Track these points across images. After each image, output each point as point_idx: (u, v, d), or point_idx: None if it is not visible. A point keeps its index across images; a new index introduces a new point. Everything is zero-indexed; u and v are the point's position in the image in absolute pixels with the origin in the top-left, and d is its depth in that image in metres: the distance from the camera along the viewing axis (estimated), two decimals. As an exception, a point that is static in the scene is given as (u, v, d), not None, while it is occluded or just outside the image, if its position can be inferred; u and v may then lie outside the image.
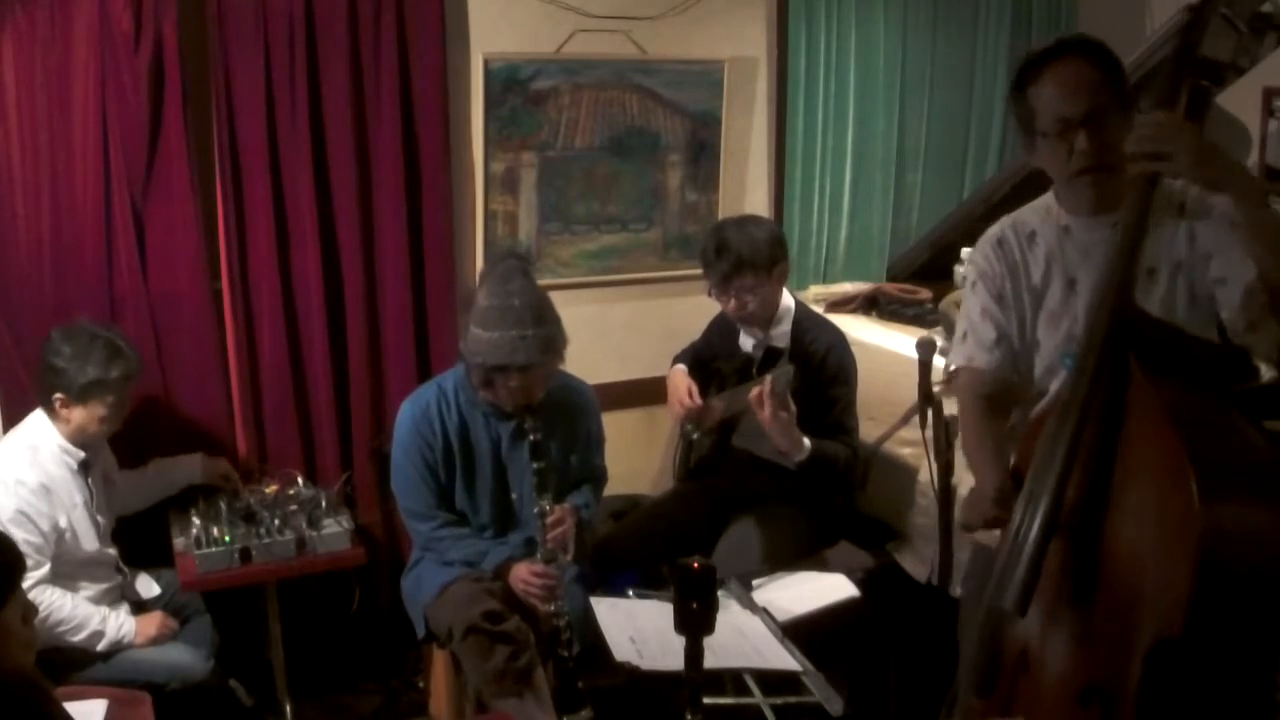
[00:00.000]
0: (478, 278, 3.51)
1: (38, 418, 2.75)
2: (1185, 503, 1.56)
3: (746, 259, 2.84)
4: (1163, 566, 1.61)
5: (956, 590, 2.62)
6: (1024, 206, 2.15)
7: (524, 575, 2.68)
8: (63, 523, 2.68)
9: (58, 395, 2.68)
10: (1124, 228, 1.82)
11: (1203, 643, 1.58)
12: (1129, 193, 1.83)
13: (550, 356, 2.65)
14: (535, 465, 2.67)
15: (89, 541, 2.75)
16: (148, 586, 2.97)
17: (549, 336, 2.62)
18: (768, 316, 2.97)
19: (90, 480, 2.78)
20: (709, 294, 2.97)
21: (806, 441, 2.79)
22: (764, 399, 2.69)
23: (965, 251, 3.82)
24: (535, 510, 2.68)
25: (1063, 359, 2.03)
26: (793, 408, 2.73)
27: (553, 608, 2.64)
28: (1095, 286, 1.90)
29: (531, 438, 2.66)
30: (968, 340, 2.17)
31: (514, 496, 2.82)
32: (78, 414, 2.70)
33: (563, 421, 2.84)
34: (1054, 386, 2.06)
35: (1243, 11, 1.81)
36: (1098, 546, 1.73)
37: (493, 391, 2.69)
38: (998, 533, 1.95)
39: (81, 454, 2.75)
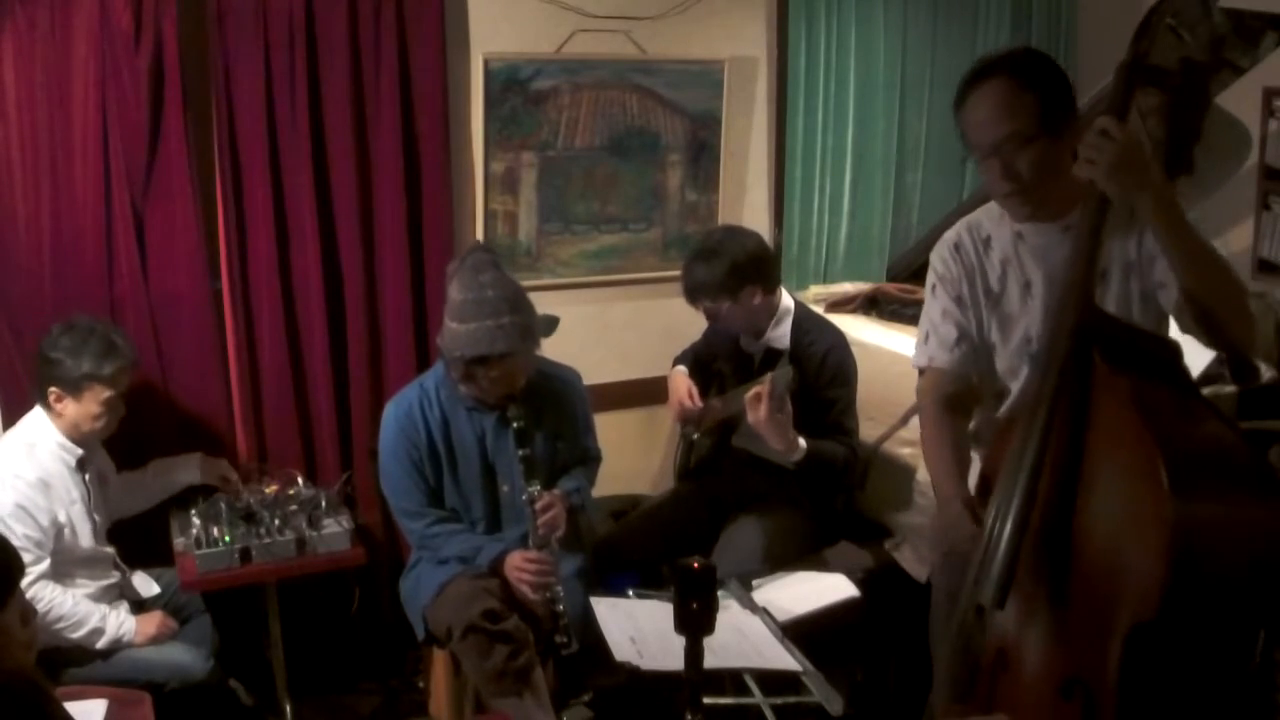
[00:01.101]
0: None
1: (35, 416, 2.76)
2: (1155, 490, 1.59)
3: (699, 286, 2.87)
4: (1136, 554, 1.64)
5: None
6: (979, 209, 2.19)
7: (517, 562, 2.69)
8: (61, 518, 2.68)
9: (52, 389, 2.69)
10: (1082, 230, 1.85)
11: (1179, 626, 1.61)
12: (1086, 197, 1.86)
13: (528, 343, 2.66)
14: (521, 452, 2.68)
15: (86, 538, 2.75)
16: (147, 586, 2.97)
17: (525, 324, 2.63)
18: (757, 326, 2.97)
19: (87, 478, 2.78)
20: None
21: (802, 442, 2.79)
22: (761, 400, 2.69)
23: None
24: (524, 497, 2.68)
25: (1021, 357, 2.09)
26: (789, 408, 2.74)
27: (547, 593, 2.65)
28: (1057, 289, 1.94)
29: (515, 425, 2.67)
30: (930, 341, 2.22)
31: (504, 489, 2.82)
32: (71, 408, 2.70)
33: (548, 408, 2.85)
34: (1015, 386, 2.10)
35: (1186, 20, 1.84)
36: (1070, 539, 1.76)
37: (474, 385, 2.70)
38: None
39: (79, 451, 2.75)
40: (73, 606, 2.65)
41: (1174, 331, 2.04)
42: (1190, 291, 1.83)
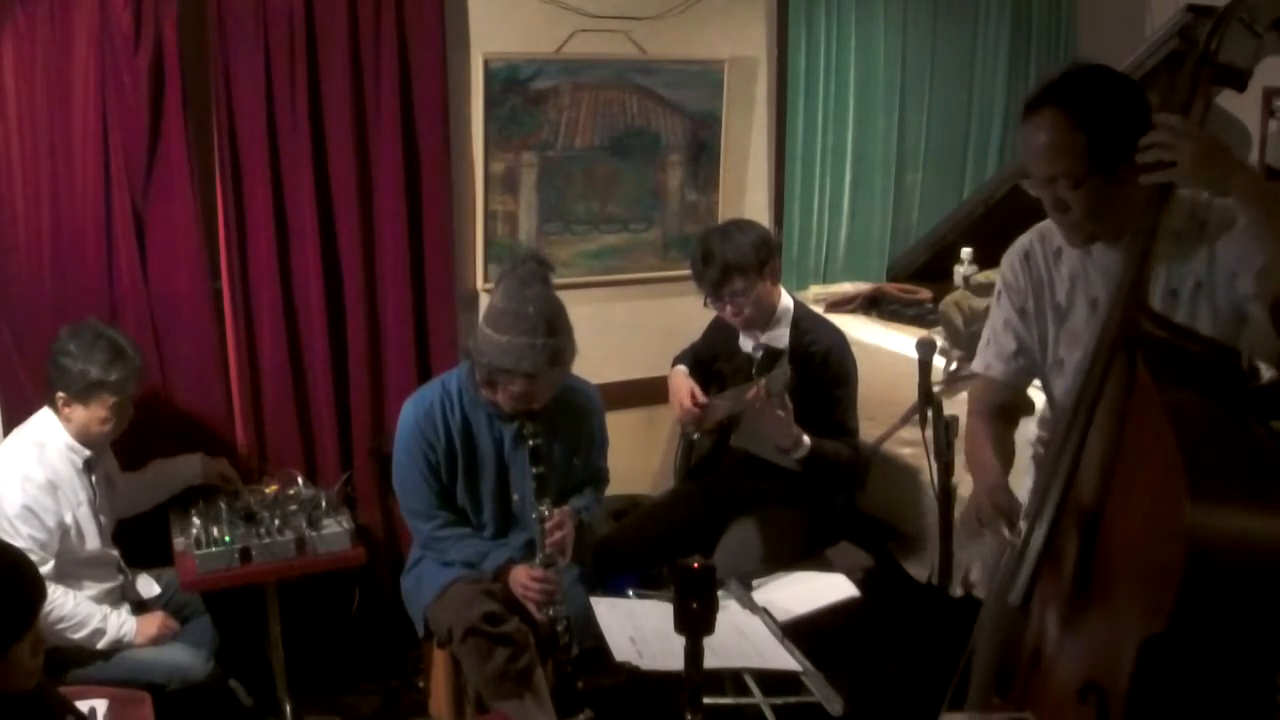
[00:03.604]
0: (479, 276, 3.53)
1: (45, 415, 2.75)
2: (1176, 497, 1.58)
3: (733, 264, 2.85)
4: (1152, 564, 1.63)
5: (957, 590, 2.63)
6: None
7: (523, 580, 2.67)
8: (68, 519, 2.68)
9: (60, 394, 2.69)
10: (1138, 233, 1.82)
11: (1189, 640, 1.60)
12: (1146, 197, 1.82)
13: (557, 369, 2.63)
14: (534, 470, 2.66)
15: (92, 540, 2.75)
16: (148, 586, 2.97)
17: (558, 348, 2.61)
18: (765, 318, 2.97)
19: (94, 479, 2.78)
20: (705, 304, 2.98)
21: (806, 438, 2.79)
22: (759, 401, 2.69)
23: (965, 251, 3.83)
24: (535, 515, 2.68)
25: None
26: (789, 405, 2.74)
27: (551, 613, 2.65)
28: (1109, 291, 1.90)
29: (531, 443, 2.66)
30: (989, 348, 2.19)
31: (515, 498, 2.82)
32: (79, 414, 2.70)
33: (566, 423, 2.84)
34: None
35: (1262, 18, 1.81)
36: (1096, 543, 1.75)
37: (494, 391, 2.69)
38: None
39: (87, 452, 2.75)
40: (74, 607, 2.64)
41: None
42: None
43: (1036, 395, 2.30)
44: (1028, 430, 2.28)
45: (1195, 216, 1.91)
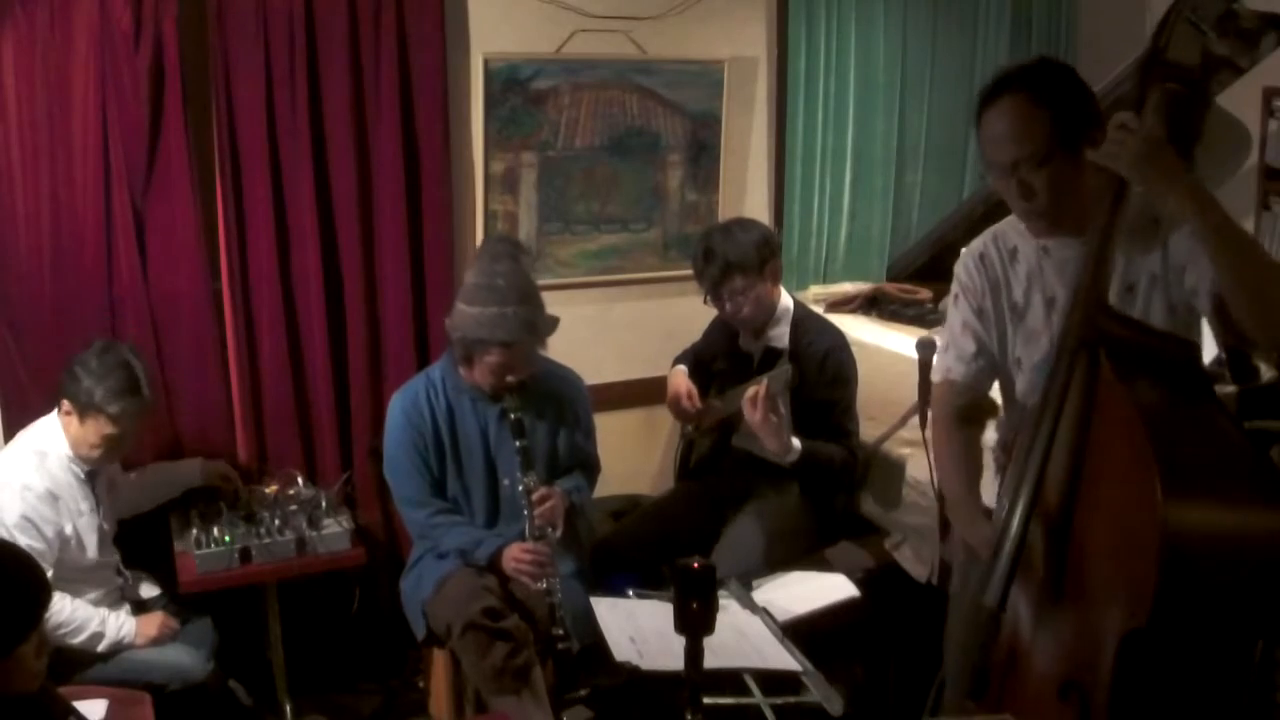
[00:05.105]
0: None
1: (50, 422, 2.72)
2: (1149, 494, 1.59)
3: (735, 262, 2.86)
4: (1129, 560, 1.64)
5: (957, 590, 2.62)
6: (1006, 219, 2.15)
7: (514, 553, 2.70)
8: (68, 530, 2.66)
9: (65, 401, 2.67)
10: (1095, 230, 1.84)
11: (1170, 634, 1.61)
12: (1102, 196, 1.85)
13: (531, 336, 2.68)
14: (518, 443, 2.70)
15: (92, 549, 2.73)
16: (148, 586, 2.97)
17: (530, 317, 2.66)
18: (765, 318, 2.97)
19: (96, 489, 2.77)
20: (705, 301, 2.98)
21: (796, 443, 2.80)
22: (757, 400, 2.70)
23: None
24: (520, 488, 2.69)
25: (1043, 375, 2.05)
26: (783, 411, 2.74)
27: (544, 584, 2.66)
28: (1069, 289, 1.92)
29: (513, 416, 2.69)
30: (949, 352, 2.21)
31: (504, 483, 2.83)
32: (75, 427, 2.67)
33: (549, 407, 2.87)
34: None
35: (1206, 16, 1.83)
36: (1069, 542, 1.76)
37: (471, 369, 2.72)
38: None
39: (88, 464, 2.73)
40: (71, 613, 2.63)
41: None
42: (1228, 281, 1.78)
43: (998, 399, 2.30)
44: (987, 435, 2.28)
45: (1147, 211, 1.93)
